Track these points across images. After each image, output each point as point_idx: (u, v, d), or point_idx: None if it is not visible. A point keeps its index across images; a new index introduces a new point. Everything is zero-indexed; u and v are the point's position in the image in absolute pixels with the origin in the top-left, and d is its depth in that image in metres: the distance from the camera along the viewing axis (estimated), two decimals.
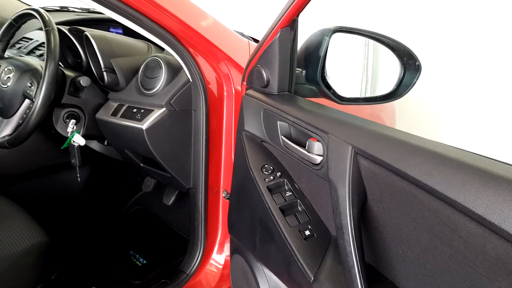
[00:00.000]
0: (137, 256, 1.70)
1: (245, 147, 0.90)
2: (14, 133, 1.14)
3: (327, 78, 0.90)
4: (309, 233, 0.75)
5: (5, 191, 1.38)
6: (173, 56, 1.08)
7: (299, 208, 0.79)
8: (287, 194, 0.81)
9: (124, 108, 1.20)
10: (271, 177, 0.83)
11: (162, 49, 1.16)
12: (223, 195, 1.23)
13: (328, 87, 0.90)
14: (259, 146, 0.89)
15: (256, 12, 2.83)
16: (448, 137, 2.28)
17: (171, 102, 1.12)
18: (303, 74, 0.93)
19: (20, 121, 1.20)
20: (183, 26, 0.99)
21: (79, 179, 1.36)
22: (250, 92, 0.93)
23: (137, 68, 1.22)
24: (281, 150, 0.83)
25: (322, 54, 0.87)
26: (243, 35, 1.50)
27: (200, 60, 1.09)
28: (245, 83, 1.00)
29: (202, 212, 1.25)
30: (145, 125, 1.11)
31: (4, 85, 1.20)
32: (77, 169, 1.31)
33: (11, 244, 1.10)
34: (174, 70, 1.15)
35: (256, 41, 1.48)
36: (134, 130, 1.14)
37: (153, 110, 1.13)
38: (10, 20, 1.24)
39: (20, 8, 2.09)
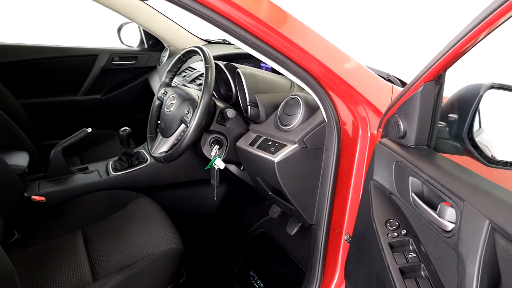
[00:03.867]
0: (256, 278, 1.77)
1: (371, 196, 0.88)
2: (169, 151, 1.32)
3: (475, 136, 0.83)
4: None
5: (156, 196, 1.60)
6: (312, 96, 1.12)
7: (422, 273, 0.74)
8: (410, 255, 0.76)
9: (261, 139, 1.28)
10: (395, 234, 0.79)
11: None
12: (345, 237, 1.20)
13: (475, 146, 0.82)
14: (386, 198, 0.86)
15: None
16: None
17: (304, 140, 1.16)
18: (447, 129, 0.87)
19: (175, 142, 1.38)
20: (325, 70, 1.02)
21: (215, 198, 1.49)
22: (385, 141, 0.90)
23: (278, 104, 1.29)
24: (410, 208, 0.78)
25: (472, 110, 0.81)
26: (389, 76, 1.47)
27: (338, 101, 1.11)
28: (381, 130, 0.98)
29: (321, 250, 1.24)
30: (277, 158, 1.17)
31: (168, 109, 1.41)
32: (215, 189, 1.44)
33: (153, 245, 1.27)
34: (311, 109, 1.19)
35: (403, 83, 1.43)
36: (266, 161, 1.20)
37: (286, 145, 1.18)
38: (179, 55, 1.46)
39: (190, 39, 2.43)
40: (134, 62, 2.59)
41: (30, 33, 5.18)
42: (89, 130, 1.70)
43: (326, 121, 1.13)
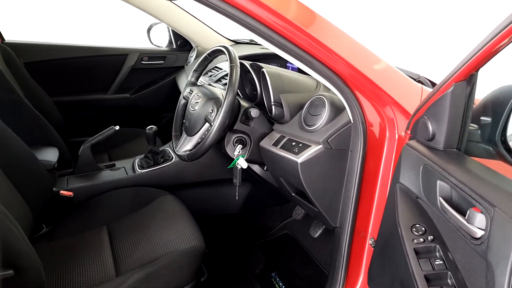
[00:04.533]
0: (278, 279, 1.75)
1: (397, 200, 0.85)
2: (193, 150, 1.33)
3: (508, 140, 0.79)
4: None
5: (180, 194, 1.61)
6: (338, 96, 1.10)
7: (449, 281, 0.71)
8: (436, 262, 0.73)
9: (284, 140, 1.27)
10: (421, 239, 0.76)
11: None
12: (370, 242, 1.18)
13: (509, 150, 0.78)
14: (412, 202, 0.83)
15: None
16: None
17: (328, 140, 1.14)
18: (478, 131, 0.83)
19: (199, 140, 1.39)
20: (351, 70, 1.00)
21: (237, 197, 1.49)
22: (412, 143, 0.87)
23: (302, 104, 1.28)
24: (437, 212, 0.75)
25: (506, 112, 0.77)
26: (419, 77, 1.43)
27: (364, 102, 1.08)
28: (409, 132, 0.95)
29: (345, 254, 1.22)
30: (300, 158, 1.15)
31: (193, 108, 1.42)
32: (237, 188, 1.44)
33: (175, 243, 1.28)
34: (337, 110, 1.16)
35: (433, 84, 1.39)
36: (290, 162, 1.19)
37: (310, 145, 1.17)
38: (205, 54, 1.47)
39: (218, 40, 2.45)
40: (162, 62, 2.63)
41: (64, 33, 5.36)
42: (117, 128, 1.74)
43: (352, 122, 1.11)
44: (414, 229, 0.78)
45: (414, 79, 1.29)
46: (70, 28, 5.60)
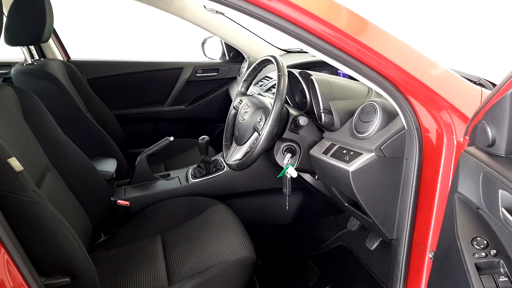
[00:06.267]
0: None
1: (456, 210, 0.79)
2: (242, 159, 1.34)
3: None
4: None
5: (231, 203, 1.63)
6: (390, 102, 1.05)
7: None
8: (500, 279, 0.66)
9: (335, 148, 1.24)
10: (483, 254, 0.70)
11: None
12: (430, 255, 1.10)
13: None
14: (472, 213, 0.76)
15: None
16: None
17: (381, 148, 1.09)
18: None
19: (248, 150, 1.39)
20: (404, 75, 0.96)
21: (287, 207, 1.47)
22: (471, 149, 0.81)
23: (353, 111, 1.24)
24: (500, 224, 0.69)
25: None
26: (479, 79, 1.34)
27: (418, 107, 1.03)
28: (467, 138, 0.88)
29: (402, 268, 1.15)
30: (352, 167, 1.11)
31: (242, 118, 1.43)
32: (287, 197, 1.42)
33: (226, 253, 1.28)
34: (389, 116, 1.11)
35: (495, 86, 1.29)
36: (341, 171, 1.15)
37: (362, 153, 1.12)
38: (254, 65, 1.48)
39: (269, 50, 2.47)
40: (216, 74, 2.70)
41: (124, 49, 5.69)
42: (171, 138, 1.80)
43: (406, 128, 1.06)
44: (475, 243, 0.72)
45: (474, 82, 1.20)
46: (130, 44, 5.93)
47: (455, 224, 0.78)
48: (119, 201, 1.58)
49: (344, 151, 1.19)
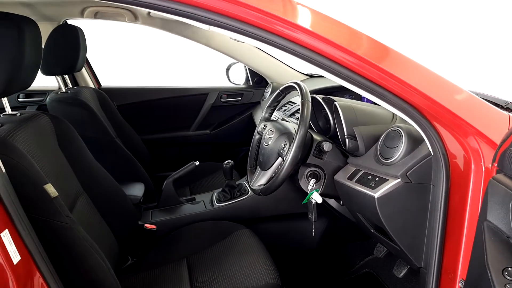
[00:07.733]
0: None
1: (485, 240, 0.77)
2: (267, 184, 1.35)
3: None
4: None
5: (255, 228, 1.63)
6: (415, 127, 1.05)
7: None
8: None
9: (360, 173, 1.23)
10: None
11: None
12: (460, 285, 1.07)
13: None
14: (503, 243, 0.75)
15: None
16: None
17: (407, 174, 1.08)
18: None
19: (273, 175, 1.41)
20: (428, 101, 0.96)
21: (313, 233, 1.46)
22: (499, 177, 0.80)
23: (378, 136, 1.24)
24: None
25: None
26: (507, 104, 1.32)
27: (444, 133, 1.02)
28: (495, 165, 0.87)
29: None
30: (377, 193, 1.11)
31: (266, 143, 1.45)
32: (313, 223, 1.41)
33: (250, 279, 1.28)
34: (415, 142, 1.11)
35: None
36: (366, 197, 1.15)
37: (387, 179, 1.12)
38: (278, 91, 1.51)
39: (292, 75, 2.51)
40: (240, 98, 2.75)
41: (154, 75, 5.86)
42: (197, 163, 1.83)
43: (432, 154, 1.05)
44: (506, 273, 0.70)
45: (502, 106, 1.19)
46: (158, 71, 6.11)
47: (485, 253, 0.76)
48: (146, 225, 1.61)
49: (370, 177, 1.18)
